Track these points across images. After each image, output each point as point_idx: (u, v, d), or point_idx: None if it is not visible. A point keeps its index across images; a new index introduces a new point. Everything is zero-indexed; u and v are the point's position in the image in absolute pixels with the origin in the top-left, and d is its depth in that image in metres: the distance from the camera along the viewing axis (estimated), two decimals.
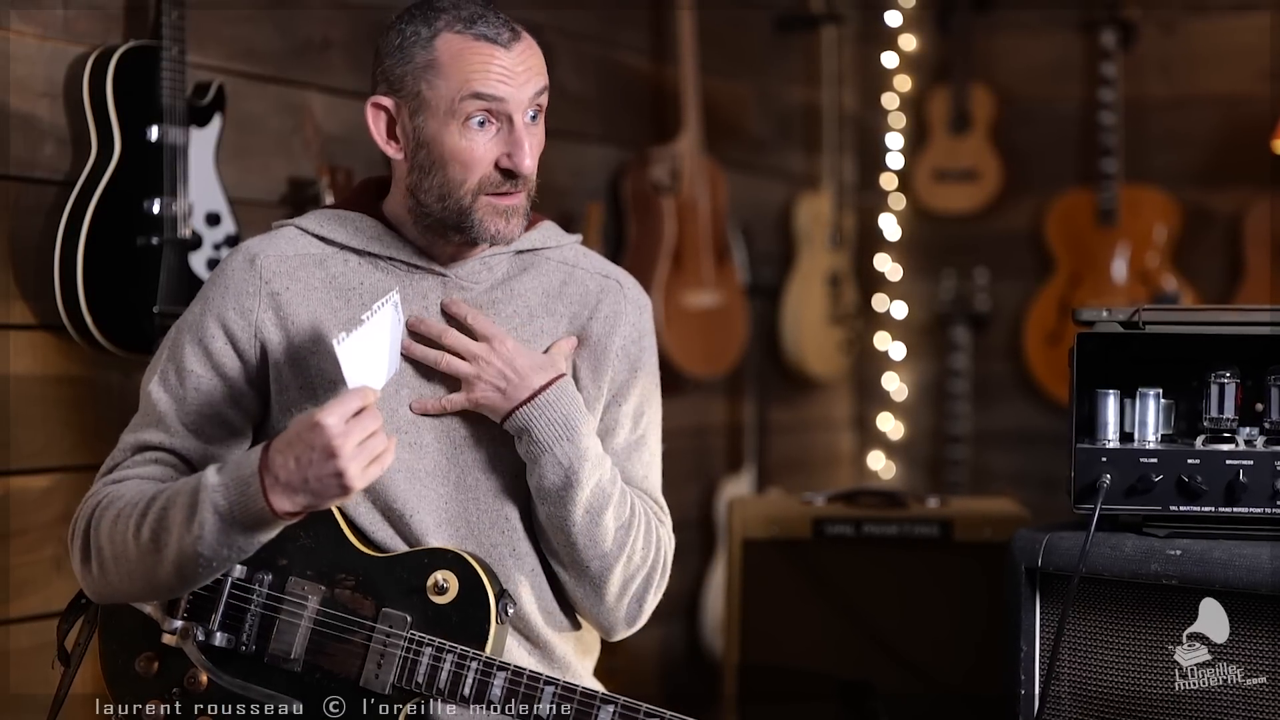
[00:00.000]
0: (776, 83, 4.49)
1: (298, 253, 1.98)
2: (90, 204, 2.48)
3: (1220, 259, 4.35)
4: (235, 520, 1.77)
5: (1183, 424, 2.22)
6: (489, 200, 1.92)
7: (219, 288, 1.97)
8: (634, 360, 2.03)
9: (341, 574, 1.91)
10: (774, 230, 4.45)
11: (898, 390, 4.74)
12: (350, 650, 1.89)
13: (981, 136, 4.57)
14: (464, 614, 1.89)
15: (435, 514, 1.95)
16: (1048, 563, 2.17)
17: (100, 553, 1.88)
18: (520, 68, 1.90)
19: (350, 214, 2.01)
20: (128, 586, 1.88)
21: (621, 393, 2.03)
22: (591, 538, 1.95)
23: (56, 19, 2.53)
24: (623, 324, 2.03)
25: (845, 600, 3.07)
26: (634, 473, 2.04)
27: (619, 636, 2.05)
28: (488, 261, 2.01)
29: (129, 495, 1.88)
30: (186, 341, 1.96)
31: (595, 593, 1.98)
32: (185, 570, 1.81)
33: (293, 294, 1.95)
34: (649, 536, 2.00)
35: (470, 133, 1.90)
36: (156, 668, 1.92)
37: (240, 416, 1.96)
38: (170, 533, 1.81)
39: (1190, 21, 4.39)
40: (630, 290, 2.06)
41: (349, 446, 1.72)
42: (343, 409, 1.73)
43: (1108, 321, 2.17)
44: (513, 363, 1.94)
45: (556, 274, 2.04)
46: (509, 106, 1.89)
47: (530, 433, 1.93)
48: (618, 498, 1.97)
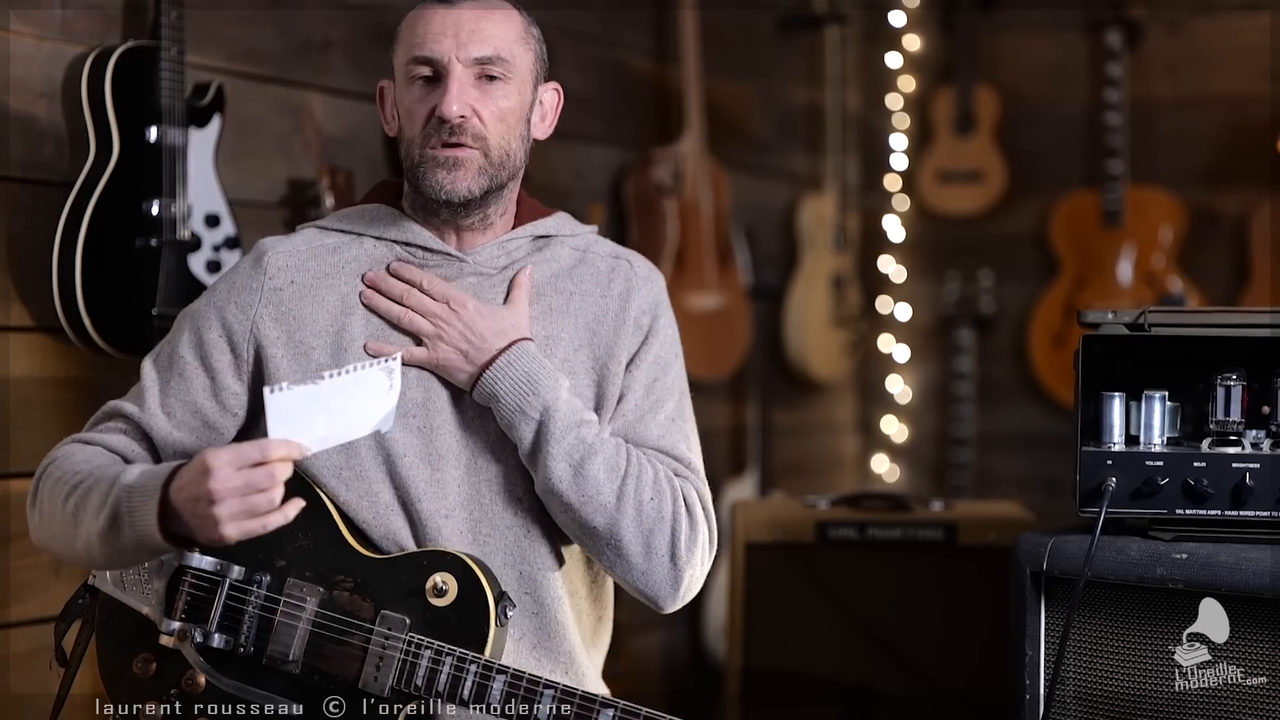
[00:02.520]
0: (780, 83, 4.48)
1: (310, 246, 2.02)
2: (89, 205, 2.47)
3: (1226, 261, 4.33)
4: (132, 525, 1.79)
5: (1189, 427, 2.21)
6: (431, 152, 1.95)
7: (226, 282, 2.01)
8: (646, 329, 2.04)
9: (340, 575, 1.91)
10: (777, 232, 4.44)
11: (902, 393, 4.73)
12: (349, 652, 1.88)
13: (986, 137, 4.56)
14: (463, 616, 1.88)
15: (447, 498, 1.95)
16: (1053, 567, 2.16)
17: (40, 506, 1.93)
18: (461, 26, 1.94)
19: (369, 206, 2.06)
20: (54, 545, 1.93)
21: (635, 360, 2.03)
22: (582, 491, 1.92)
23: (55, 19, 2.52)
24: (635, 297, 2.04)
25: (849, 604, 3.06)
26: (647, 432, 2.01)
27: (669, 606, 1.98)
28: (505, 246, 2.03)
29: (76, 462, 1.92)
30: (186, 328, 2.00)
31: (618, 555, 1.94)
32: (92, 552, 1.85)
33: (298, 288, 1.98)
34: (658, 486, 1.95)
35: (414, 88, 1.96)
36: (154, 669, 1.92)
37: (218, 413, 1.97)
38: (86, 512, 1.84)
39: (1196, 22, 4.38)
40: (640, 266, 2.08)
41: (229, 497, 1.71)
42: (237, 457, 1.72)
43: (1113, 324, 2.16)
44: (474, 325, 1.95)
45: (569, 257, 2.06)
46: (443, 60, 1.94)
47: (498, 397, 1.94)
48: (609, 451, 1.94)
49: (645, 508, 1.94)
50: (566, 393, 1.95)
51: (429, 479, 1.94)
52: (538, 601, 1.97)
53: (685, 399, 2.09)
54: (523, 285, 2.00)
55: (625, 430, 2.00)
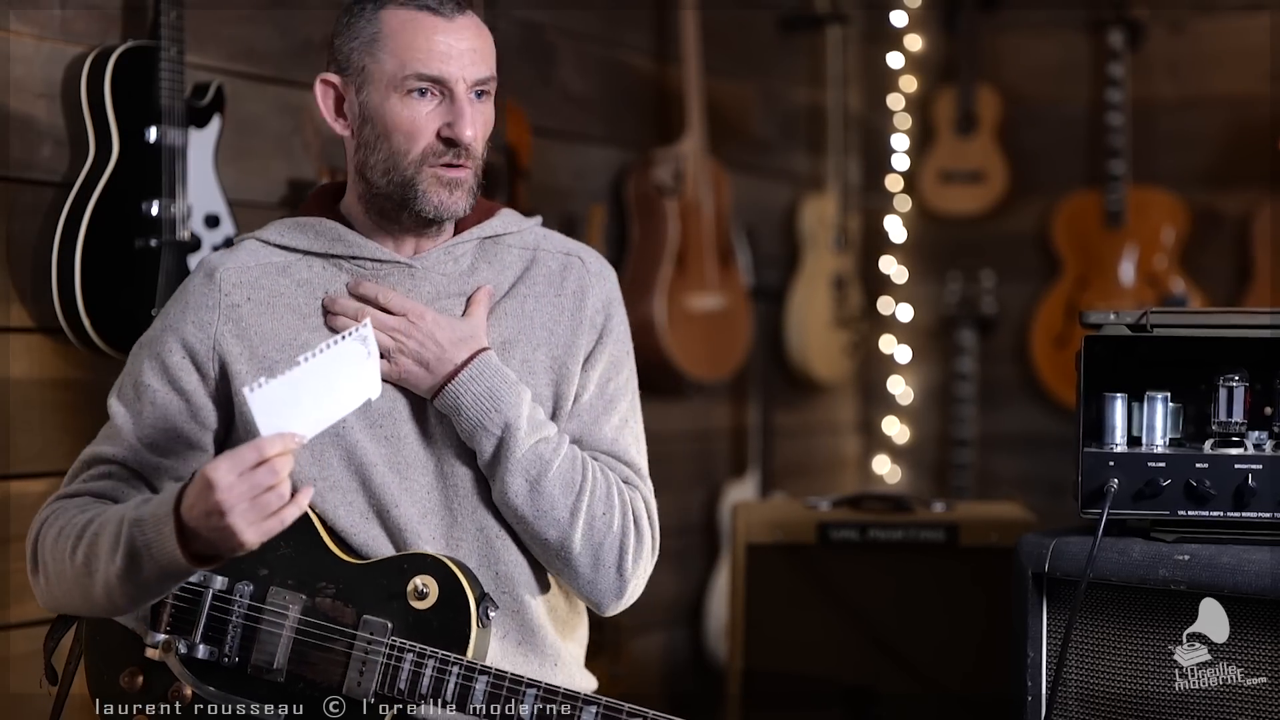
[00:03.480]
0: (781, 83, 4.47)
1: (259, 263, 2.00)
2: (88, 206, 2.46)
3: (1229, 261, 4.33)
4: (152, 557, 1.78)
5: (1191, 428, 2.21)
6: (433, 171, 1.94)
7: (179, 304, 1.99)
8: (601, 328, 2.04)
9: (322, 582, 1.91)
10: (778, 232, 4.44)
11: (903, 394, 4.72)
12: (332, 659, 1.88)
13: (988, 137, 4.55)
14: (444, 618, 1.88)
15: (419, 504, 1.95)
16: (1055, 568, 2.16)
17: (45, 567, 1.91)
18: (464, 45, 1.92)
19: (309, 219, 2.03)
20: (69, 603, 1.91)
21: (590, 359, 2.03)
22: (537, 506, 1.93)
23: (54, 19, 2.51)
24: (590, 296, 2.04)
25: (850, 605, 3.05)
26: (600, 434, 2.03)
27: (609, 611, 2.02)
28: (452, 251, 2.02)
29: (70, 515, 1.90)
30: (145, 357, 1.97)
31: (566, 564, 1.96)
32: (114, 596, 1.83)
33: (254, 304, 1.97)
34: (609, 500, 1.97)
35: (412, 102, 1.92)
36: (141, 682, 1.92)
37: (198, 430, 1.96)
38: (99, 559, 1.82)
39: (1198, 22, 4.37)
40: (593, 263, 2.08)
41: (238, 504, 1.71)
42: (235, 463, 1.71)
43: (1115, 324, 2.15)
44: (434, 335, 1.95)
45: (520, 259, 2.05)
46: (449, 79, 1.92)
47: (460, 410, 1.94)
48: (563, 465, 1.95)
49: (597, 522, 1.96)
50: (528, 406, 1.95)
51: (400, 486, 1.94)
52: (516, 600, 1.98)
53: (635, 397, 2.10)
54: (480, 301, 2.00)
55: (580, 431, 2.02)
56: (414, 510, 1.95)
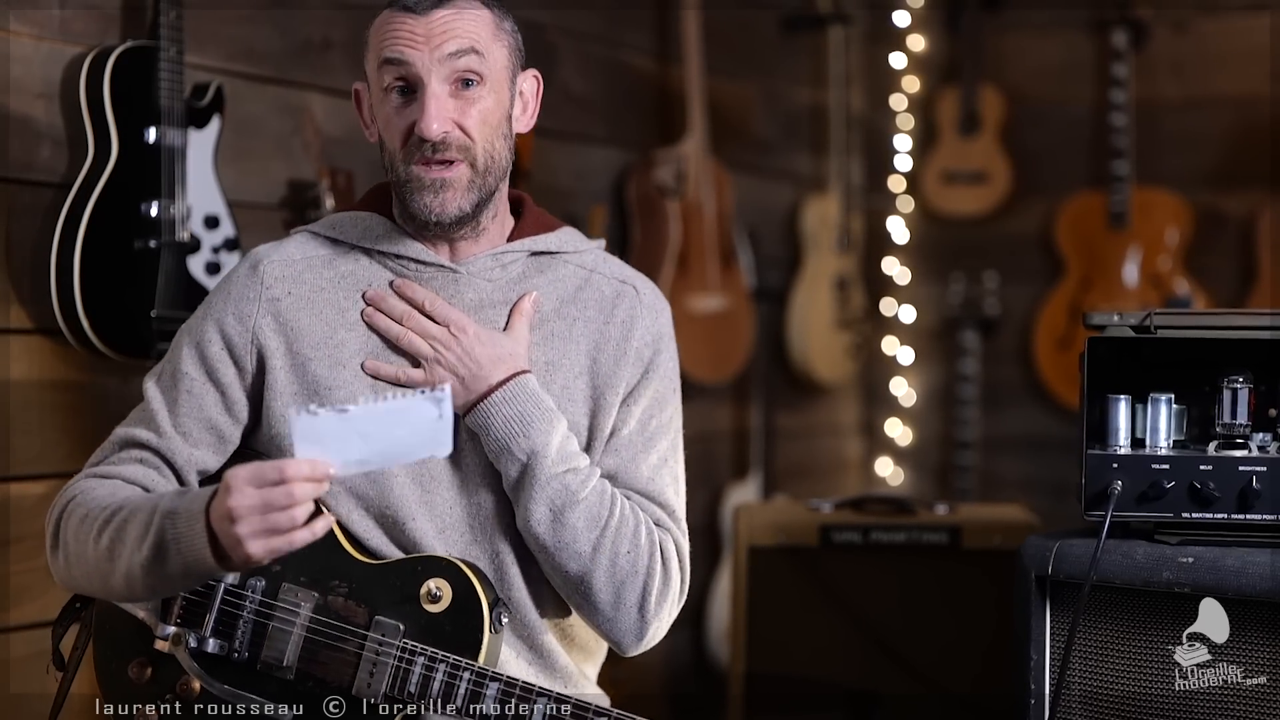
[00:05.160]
0: (783, 84, 4.46)
1: (305, 256, 1.99)
2: (87, 206, 2.46)
3: (1233, 262, 4.32)
4: (179, 552, 1.77)
5: (1195, 429, 2.21)
6: (415, 171, 1.91)
7: (222, 293, 1.99)
8: (648, 363, 2.01)
9: (335, 580, 1.90)
10: (780, 233, 4.43)
11: (906, 395, 4.71)
12: (342, 659, 1.87)
13: (991, 138, 4.54)
14: (457, 623, 1.87)
15: (437, 519, 1.93)
16: (1058, 570, 2.15)
17: (65, 547, 1.90)
18: (434, 30, 1.89)
19: (362, 214, 2.03)
20: (86, 584, 1.90)
21: (634, 394, 2.00)
22: (559, 538, 1.91)
23: (53, 19, 2.51)
24: (638, 328, 2.01)
25: (852, 608, 3.05)
26: (637, 473, 1.99)
27: (631, 652, 1.99)
28: (500, 259, 2.00)
29: (100, 497, 1.89)
30: (185, 344, 1.97)
31: (585, 599, 1.94)
32: (133, 584, 1.82)
33: (295, 299, 1.96)
34: (636, 539, 1.94)
35: (390, 101, 1.92)
36: (149, 674, 1.91)
37: (231, 425, 1.96)
38: (124, 546, 1.81)
39: (1202, 22, 4.36)
40: (646, 295, 2.04)
41: (247, 515, 1.70)
42: (255, 475, 1.70)
43: (1119, 326, 2.15)
44: (473, 351, 1.93)
45: (574, 278, 2.02)
46: (417, 70, 1.89)
47: (489, 430, 1.92)
48: (590, 498, 1.92)
49: (620, 560, 1.93)
50: (560, 436, 1.92)
51: (419, 499, 1.93)
52: (526, 625, 1.96)
53: (678, 437, 2.06)
54: (524, 312, 1.97)
55: (616, 467, 1.98)
56: (431, 525, 1.93)
